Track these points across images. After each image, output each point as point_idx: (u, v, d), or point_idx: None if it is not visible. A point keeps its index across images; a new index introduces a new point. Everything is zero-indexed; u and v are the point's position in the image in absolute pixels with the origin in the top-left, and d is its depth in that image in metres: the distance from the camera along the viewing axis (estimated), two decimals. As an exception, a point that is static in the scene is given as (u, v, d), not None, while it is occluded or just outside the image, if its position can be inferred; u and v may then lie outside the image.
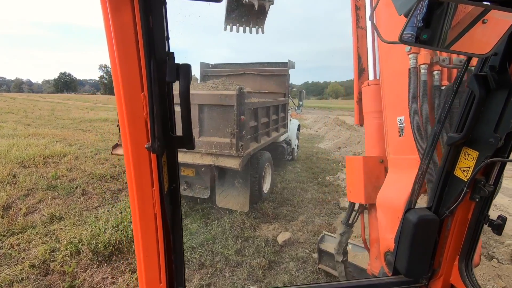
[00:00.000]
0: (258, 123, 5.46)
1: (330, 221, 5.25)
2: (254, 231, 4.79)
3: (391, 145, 1.92)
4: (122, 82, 0.85)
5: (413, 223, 1.26)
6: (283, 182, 7.29)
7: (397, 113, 1.84)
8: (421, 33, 0.94)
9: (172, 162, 1.05)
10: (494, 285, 2.71)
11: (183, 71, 0.88)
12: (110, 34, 0.81)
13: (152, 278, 1.08)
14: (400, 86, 1.76)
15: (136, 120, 0.89)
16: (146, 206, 0.98)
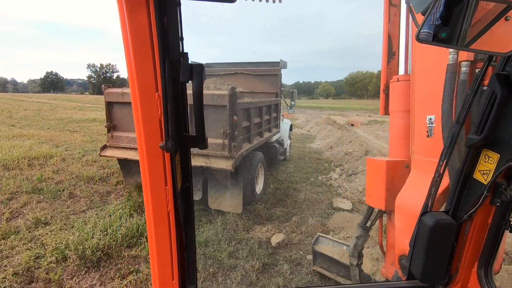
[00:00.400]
0: (250, 124, 5.39)
1: (323, 221, 5.23)
2: (247, 233, 4.72)
3: (417, 145, 1.78)
4: (138, 82, 0.87)
5: (429, 226, 1.21)
6: (276, 183, 7.24)
7: (427, 111, 1.70)
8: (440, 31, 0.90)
9: (185, 161, 1.06)
10: None
11: (196, 71, 0.88)
12: (126, 35, 0.83)
13: (165, 276, 1.09)
14: (435, 82, 1.63)
15: (151, 119, 0.91)
16: (159, 204, 1.00)
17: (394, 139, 2.15)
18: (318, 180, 7.68)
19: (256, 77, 7.80)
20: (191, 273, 1.18)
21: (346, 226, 4.89)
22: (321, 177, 7.96)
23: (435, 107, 1.62)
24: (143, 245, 4.11)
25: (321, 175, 8.10)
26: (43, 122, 17.38)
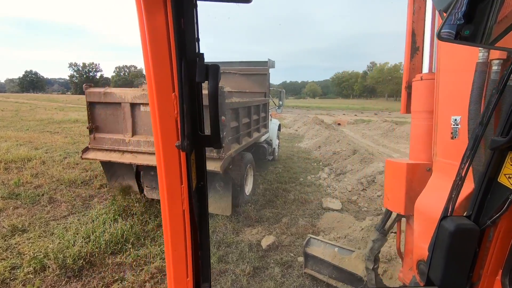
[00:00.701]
0: (239, 124, 5.29)
1: (313, 222, 5.19)
2: (237, 235, 4.63)
3: (440, 147, 1.69)
4: (155, 82, 0.89)
5: (449, 231, 1.17)
6: (265, 183, 7.17)
7: (452, 112, 1.60)
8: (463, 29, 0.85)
9: (200, 161, 1.07)
10: None
11: (212, 72, 0.89)
12: (144, 36, 0.85)
13: (179, 273, 1.10)
14: (462, 81, 1.53)
15: (167, 119, 0.93)
16: (175, 202, 1.01)
17: (415, 141, 2.04)
18: (307, 180, 7.67)
19: (244, 77, 7.71)
20: (205, 271, 1.19)
21: (336, 227, 4.87)
22: (310, 177, 7.95)
23: (461, 107, 1.51)
24: (128, 251, 3.94)
25: (310, 175, 8.09)
26: (21, 123, 16.64)
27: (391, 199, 2.08)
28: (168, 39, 0.86)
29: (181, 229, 1.05)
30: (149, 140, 4.70)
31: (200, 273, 1.18)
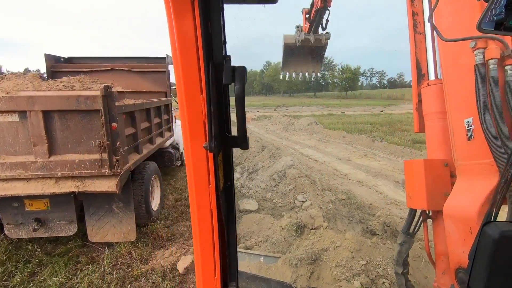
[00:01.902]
0: (137, 130, 4.47)
1: (232, 228, 4.89)
2: (146, 263, 3.88)
3: (459, 151, 1.70)
4: (184, 85, 0.91)
5: (493, 238, 1.06)
6: (176, 193, 6.47)
7: (464, 115, 1.63)
8: (507, 19, 0.81)
9: (227, 161, 1.09)
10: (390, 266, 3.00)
11: (238, 74, 0.90)
12: (173, 40, 0.88)
13: (208, 271, 1.11)
14: (466, 86, 1.58)
15: (196, 120, 0.94)
16: (203, 202, 1.02)
17: (431, 140, 2.09)
18: (221, 183, 7.34)
19: (139, 75, 6.70)
20: (233, 270, 1.20)
21: (256, 230, 4.71)
22: (223, 178, 7.64)
23: (471, 109, 1.53)
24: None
25: (222, 177, 7.79)
26: None
27: (413, 197, 2.07)
28: (196, 43, 0.88)
29: (209, 228, 1.07)
30: (5, 161, 3.42)
31: (227, 272, 1.19)
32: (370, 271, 2.88)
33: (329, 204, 5.87)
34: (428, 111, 2.10)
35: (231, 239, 1.16)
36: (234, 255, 1.19)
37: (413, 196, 2.08)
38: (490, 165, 1.46)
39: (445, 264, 1.86)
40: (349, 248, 3.09)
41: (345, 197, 6.25)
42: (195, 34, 0.87)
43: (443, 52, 1.83)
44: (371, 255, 3.02)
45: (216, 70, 0.91)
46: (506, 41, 1.46)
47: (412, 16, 2.25)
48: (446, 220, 1.71)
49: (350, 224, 5.22)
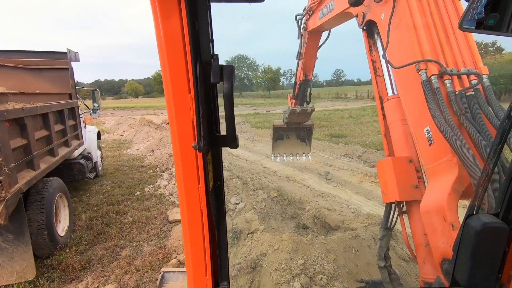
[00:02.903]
0: (29, 141, 3.60)
1: (162, 243, 4.43)
2: (53, 304, 3.16)
3: (424, 157, 1.94)
4: (172, 84, 0.91)
5: (476, 230, 1.13)
6: (90, 210, 5.56)
7: (422, 125, 1.90)
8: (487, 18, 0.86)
9: (216, 161, 1.09)
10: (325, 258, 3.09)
11: (227, 72, 0.91)
12: (160, 39, 0.88)
13: (198, 271, 1.12)
14: (419, 101, 1.88)
15: (184, 120, 0.94)
16: (193, 202, 1.03)
17: (397, 143, 2.36)
18: (146, 192, 6.66)
19: (31, 73, 5.49)
20: (224, 269, 1.20)
21: (189, 241, 4.35)
22: (148, 187, 6.95)
23: (426, 119, 1.81)
24: None
25: (147, 186, 7.08)
26: None
27: (387, 192, 2.27)
28: (183, 42, 0.87)
29: (199, 228, 1.06)
30: None
31: (218, 271, 1.19)
32: (308, 269, 2.92)
33: (262, 203, 5.89)
34: (390, 120, 2.43)
35: (222, 238, 1.16)
36: (225, 255, 1.20)
37: (387, 192, 2.28)
38: (449, 161, 1.70)
39: (424, 253, 2.00)
40: (287, 249, 3.08)
41: (276, 194, 6.38)
42: (182, 33, 0.86)
43: (397, 78, 2.23)
44: (308, 252, 3.07)
45: (204, 69, 0.90)
46: (440, 62, 1.79)
47: (372, 64, 2.63)
48: (424, 217, 1.85)
49: (283, 221, 5.33)
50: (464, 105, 1.71)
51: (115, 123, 20.38)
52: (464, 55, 1.89)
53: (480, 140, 1.60)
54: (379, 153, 9.62)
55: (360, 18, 2.59)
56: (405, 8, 1.98)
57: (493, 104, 1.70)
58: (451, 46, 1.90)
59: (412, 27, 1.91)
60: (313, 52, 4.67)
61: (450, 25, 1.94)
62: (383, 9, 2.21)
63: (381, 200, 5.99)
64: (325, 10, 3.51)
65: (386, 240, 2.42)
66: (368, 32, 2.62)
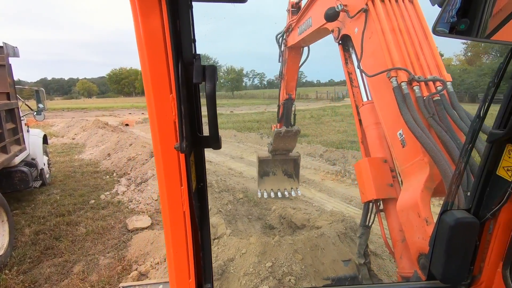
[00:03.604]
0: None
1: (121, 254, 4.11)
2: (-11, 335, 2.75)
3: (399, 158, 2.06)
4: (152, 84, 0.90)
5: (450, 225, 1.18)
6: (36, 223, 4.99)
7: (395, 129, 2.02)
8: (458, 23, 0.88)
9: (199, 162, 1.09)
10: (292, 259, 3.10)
11: (209, 73, 0.90)
12: (140, 38, 0.86)
13: (181, 274, 1.10)
14: (391, 108, 2.00)
15: (165, 121, 0.93)
16: (175, 204, 1.02)
17: (372, 145, 2.47)
18: (101, 200, 6.17)
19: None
20: (208, 271, 1.19)
21: (151, 250, 4.10)
22: (104, 195, 6.45)
23: (399, 124, 1.94)
24: None
25: (103, 193, 6.57)
26: None
27: (365, 191, 2.36)
28: (164, 41, 0.86)
29: (182, 231, 1.05)
30: None
31: (202, 273, 1.17)
32: (276, 271, 2.90)
33: (228, 206, 5.79)
34: (366, 124, 2.58)
35: (205, 240, 1.16)
36: (209, 256, 1.20)
37: (364, 191, 2.38)
38: (421, 160, 1.83)
39: (401, 249, 2.08)
40: (255, 253, 3.03)
41: (242, 195, 6.32)
42: (163, 32, 0.85)
43: (371, 86, 2.38)
44: (275, 254, 3.05)
45: (186, 69, 0.89)
46: (409, 70, 1.94)
47: (348, 75, 2.76)
48: (400, 215, 1.94)
49: (250, 222, 5.28)
50: (432, 108, 1.85)
51: (64, 125, 18.73)
52: (429, 63, 2.04)
53: (448, 140, 1.72)
54: (339, 152, 10.05)
55: (336, 33, 2.75)
56: (376, 23, 2.13)
57: (457, 107, 1.86)
58: (418, 55, 2.05)
59: (382, 40, 2.07)
60: (295, 70, 4.80)
61: (417, 37, 2.11)
62: (356, 24, 2.36)
63: (343, 197, 6.20)
64: (304, 27, 3.69)
65: (365, 238, 2.48)
66: (344, 46, 2.78)
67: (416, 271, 1.79)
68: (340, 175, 8.11)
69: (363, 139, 2.62)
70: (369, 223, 2.45)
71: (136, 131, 17.75)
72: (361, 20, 2.25)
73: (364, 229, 2.47)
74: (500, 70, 1.08)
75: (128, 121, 21.92)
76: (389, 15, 2.13)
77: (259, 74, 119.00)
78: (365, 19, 2.20)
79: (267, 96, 58.30)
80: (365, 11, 2.20)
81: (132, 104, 43.31)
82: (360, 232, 2.50)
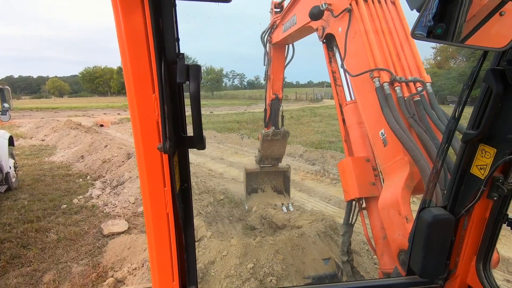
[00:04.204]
0: None
1: (96, 261, 3.94)
2: None
3: (380, 157, 2.11)
4: (134, 83, 0.88)
5: (427, 222, 1.22)
6: (0, 231, 4.66)
7: (378, 129, 2.06)
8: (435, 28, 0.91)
9: (183, 162, 1.08)
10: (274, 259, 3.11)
11: (193, 72, 0.89)
12: (121, 36, 0.84)
13: (165, 277, 1.08)
14: (374, 108, 2.04)
15: (148, 121, 0.92)
16: (158, 206, 1.00)
17: (355, 144, 2.51)
18: (74, 205, 5.88)
19: None
20: (192, 274, 1.18)
21: (128, 255, 3.96)
22: (77, 199, 6.15)
23: (381, 123, 1.99)
24: None
25: (76, 197, 6.27)
26: None
27: (348, 190, 2.38)
28: (147, 40, 0.85)
29: (166, 233, 1.03)
30: None
31: (186, 276, 1.16)
32: (258, 272, 2.89)
33: (209, 207, 5.72)
34: (349, 124, 2.61)
35: (189, 241, 1.15)
36: (193, 258, 1.19)
37: (348, 190, 2.41)
38: (401, 159, 1.88)
39: (382, 246, 2.13)
40: (236, 254, 3.01)
41: (223, 197, 6.27)
42: (146, 31, 0.83)
43: (354, 85, 2.42)
44: (257, 255, 3.04)
45: (169, 68, 0.88)
46: (391, 70, 2.00)
47: (332, 74, 2.80)
48: (382, 213, 1.99)
49: (231, 224, 5.24)
50: (412, 109, 1.91)
51: (33, 126, 17.70)
52: (410, 64, 2.10)
53: (427, 139, 1.78)
54: (318, 152, 10.24)
55: (320, 32, 2.76)
56: (359, 23, 2.17)
57: (436, 108, 1.92)
58: (400, 57, 2.11)
59: (366, 40, 2.11)
60: (280, 69, 4.73)
61: (398, 39, 2.16)
62: (340, 23, 2.38)
63: (322, 196, 6.28)
64: (288, 24, 3.67)
65: (348, 236, 2.51)
66: (328, 45, 2.80)
67: (396, 267, 1.83)
68: (320, 174, 8.26)
69: (347, 138, 2.66)
70: (352, 221, 2.48)
71: (111, 132, 17.12)
72: (345, 19, 2.28)
73: (347, 227, 2.49)
74: (473, 74, 1.11)
75: (103, 122, 21.10)
76: (372, 16, 2.17)
77: (239, 75, 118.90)
78: (349, 19, 2.23)
79: (247, 97, 58.37)
80: (349, 11, 2.23)
81: (107, 104, 41.73)
82: (344, 230, 2.52)
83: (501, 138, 1.11)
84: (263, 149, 4.89)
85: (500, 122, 1.11)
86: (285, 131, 4.87)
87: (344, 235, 2.52)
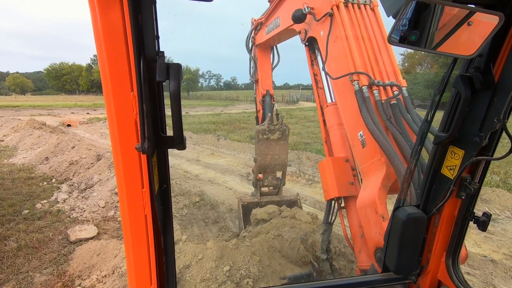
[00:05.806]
0: None
1: (62, 269, 3.70)
2: None
3: (359, 158, 2.18)
4: (111, 81, 0.86)
5: (401, 220, 1.27)
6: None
7: (357, 130, 2.13)
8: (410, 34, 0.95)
9: (162, 163, 1.05)
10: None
11: (173, 71, 0.87)
12: (98, 32, 0.82)
13: (142, 281, 1.06)
14: (353, 110, 2.10)
15: (126, 120, 0.89)
16: (136, 207, 0.98)
17: (335, 145, 2.57)
18: (37, 210, 5.50)
19: None
20: (171, 276, 1.16)
21: (97, 262, 3.76)
22: (40, 203, 5.76)
23: (359, 125, 2.07)
24: None
25: (40, 201, 5.87)
26: None
27: (328, 190, 2.43)
28: (125, 36, 0.82)
29: (144, 235, 1.01)
30: None
31: (165, 279, 1.14)
32: (234, 275, 2.86)
33: (184, 210, 5.60)
34: (330, 125, 2.67)
35: (168, 244, 1.12)
36: (172, 261, 1.16)
37: (327, 189, 2.45)
38: (378, 160, 1.95)
39: (360, 243, 2.18)
40: (212, 257, 2.96)
41: (198, 199, 6.16)
42: (124, 27, 0.81)
43: (335, 88, 2.47)
44: (233, 258, 3.01)
45: (148, 66, 0.86)
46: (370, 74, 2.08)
47: (313, 77, 2.84)
48: (360, 212, 2.03)
49: (206, 226, 5.16)
50: (389, 111, 1.99)
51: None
52: (387, 69, 2.18)
53: (402, 141, 1.87)
54: (294, 153, 10.38)
55: (303, 35, 2.80)
56: (340, 28, 2.23)
57: (411, 111, 2.01)
58: (378, 61, 2.19)
59: (346, 45, 2.19)
60: (268, 69, 4.63)
61: (377, 44, 2.24)
62: (322, 27, 2.43)
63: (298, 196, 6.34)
64: (271, 26, 3.69)
65: (328, 234, 2.56)
66: (310, 48, 2.84)
67: (373, 264, 1.89)
68: (296, 175, 8.37)
69: (327, 139, 2.71)
70: (331, 220, 2.52)
71: (80, 132, 16.26)
72: (327, 24, 2.34)
73: (326, 226, 2.53)
74: (444, 79, 1.17)
75: (71, 121, 19.98)
76: (353, 21, 2.24)
77: (215, 75, 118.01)
78: (330, 23, 2.29)
79: (224, 98, 58.03)
80: (330, 15, 2.29)
81: (75, 102, 39.60)
82: (323, 229, 2.56)
83: (469, 140, 1.16)
84: (260, 155, 3.97)
85: (468, 125, 1.16)
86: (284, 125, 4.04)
87: (324, 233, 2.55)
